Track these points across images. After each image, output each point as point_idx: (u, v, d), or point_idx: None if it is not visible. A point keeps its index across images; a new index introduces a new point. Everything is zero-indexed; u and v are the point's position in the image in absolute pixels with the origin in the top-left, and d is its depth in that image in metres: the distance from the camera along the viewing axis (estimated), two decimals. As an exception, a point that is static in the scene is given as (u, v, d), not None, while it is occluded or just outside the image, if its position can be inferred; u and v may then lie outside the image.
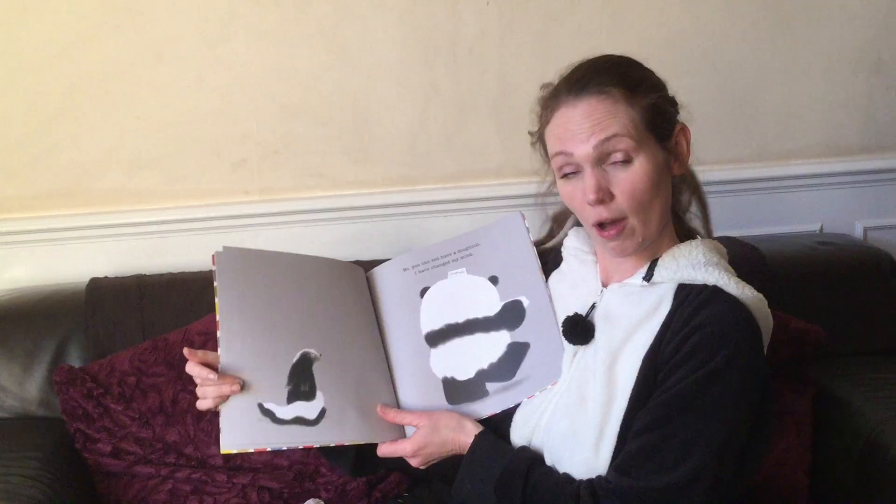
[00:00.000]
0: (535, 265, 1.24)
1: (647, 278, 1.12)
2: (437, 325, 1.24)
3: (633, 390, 1.06)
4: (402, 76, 1.80)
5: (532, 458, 1.10)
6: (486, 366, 1.20)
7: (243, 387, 1.08)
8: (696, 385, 1.01)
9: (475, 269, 1.26)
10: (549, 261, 1.28)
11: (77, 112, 1.76)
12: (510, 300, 1.23)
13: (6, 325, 1.65)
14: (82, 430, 1.56)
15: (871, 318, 1.67)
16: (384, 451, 1.17)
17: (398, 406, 1.22)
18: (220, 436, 1.06)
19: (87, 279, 1.73)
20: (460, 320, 1.24)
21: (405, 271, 1.29)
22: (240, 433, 1.07)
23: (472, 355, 1.21)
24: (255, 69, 1.77)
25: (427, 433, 1.15)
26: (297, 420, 1.10)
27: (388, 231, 1.85)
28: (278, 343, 1.14)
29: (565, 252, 1.26)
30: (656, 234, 1.11)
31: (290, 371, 1.13)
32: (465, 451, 1.14)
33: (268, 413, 1.09)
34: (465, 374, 1.21)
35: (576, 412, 1.09)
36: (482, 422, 1.17)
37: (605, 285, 1.17)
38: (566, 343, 1.15)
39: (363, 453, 1.22)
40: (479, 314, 1.23)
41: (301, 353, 1.15)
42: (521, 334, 1.20)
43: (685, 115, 1.14)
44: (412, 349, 1.24)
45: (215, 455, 1.56)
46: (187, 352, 1.10)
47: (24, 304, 1.70)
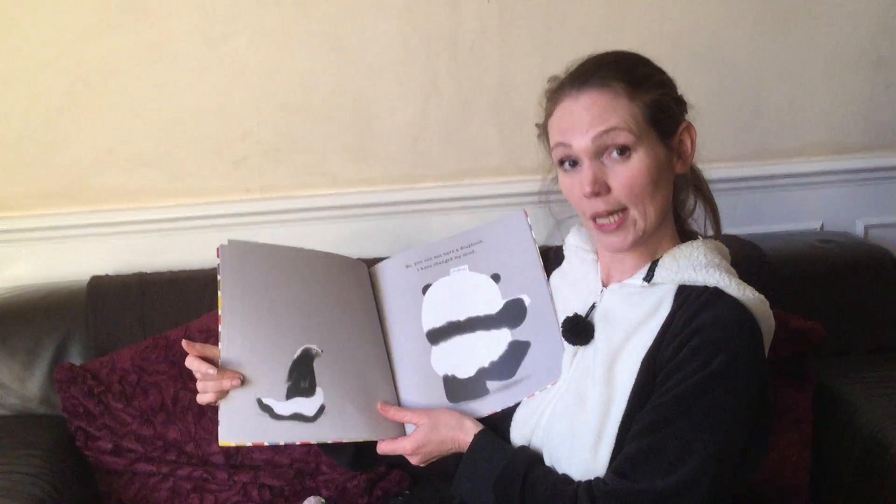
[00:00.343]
0: (538, 263, 1.24)
1: (648, 279, 1.11)
2: (438, 322, 1.24)
3: (632, 392, 1.05)
4: (403, 74, 1.79)
5: (531, 458, 1.10)
6: (486, 364, 1.20)
7: (243, 381, 1.08)
8: (695, 388, 1.01)
9: (477, 266, 1.26)
10: (552, 259, 1.28)
11: (78, 110, 1.76)
12: (512, 298, 1.23)
13: (7, 324, 1.65)
14: (83, 428, 1.56)
15: (871, 316, 1.68)
16: (384, 448, 1.17)
17: (399, 404, 1.22)
18: (219, 428, 1.06)
19: (87, 277, 1.73)
20: (462, 318, 1.24)
21: (408, 268, 1.29)
22: (238, 427, 1.07)
23: (473, 353, 1.21)
24: (255, 67, 1.77)
25: (427, 431, 1.15)
26: (296, 416, 1.10)
27: (389, 229, 1.84)
28: (280, 338, 1.14)
29: (567, 250, 1.26)
30: (654, 228, 1.10)
31: (291, 367, 1.13)
32: (464, 450, 1.14)
33: (266, 408, 1.09)
34: (465, 372, 1.21)
35: (575, 413, 1.09)
36: (482, 421, 1.17)
37: (605, 284, 1.17)
38: (566, 343, 1.15)
39: (362, 449, 1.22)
40: (481, 312, 1.23)
41: (303, 348, 1.15)
42: (522, 333, 1.20)
43: (693, 117, 1.14)
44: (413, 346, 1.24)
45: (216, 453, 1.57)
46: (186, 344, 1.10)
47: (24, 302, 1.70)
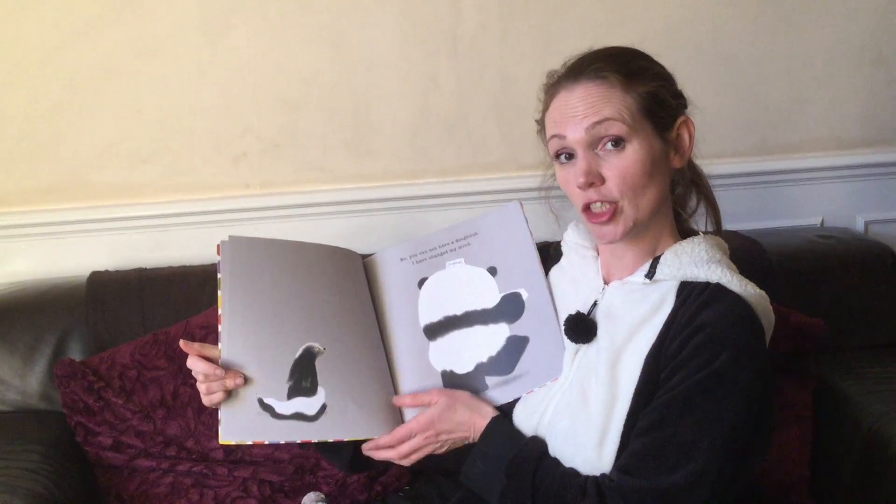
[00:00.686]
0: (534, 256, 1.23)
1: (650, 276, 1.11)
2: (435, 317, 1.23)
3: (636, 390, 1.05)
4: (403, 70, 1.79)
5: (544, 448, 1.11)
6: (484, 359, 1.20)
7: (244, 381, 1.07)
8: (699, 385, 1.01)
9: (473, 259, 1.25)
10: (551, 255, 1.27)
11: (77, 106, 1.76)
12: (509, 292, 1.22)
13: (7, 319, 1.65)
14: (83, 424, 1.56)
15: (871, 312, 1.67)
16: (380, 454, 1.17)
17: None
18: (219, 427, 1.06)
19: (87, 273, 1.72)
20: (459, 312, 1.23)
21: (402, 261, 1.28)
22: (238, 426, 1.06)
23: (470, 348, 1.21)
24: (255, 63, 1.77)
25: (442, 409, 1.15)
26: (297, 416, 1.10)
27: (389, 225, 1.84)
28: (282, 337, 1.13)
29: (565, 247, 1.25)
30: (647, 220, 1.09)
31: (293, 366, 1.12)
32: (473, 438, 1.14)
33: (267, 408, 1.09)
34: (463, 367, 1.20)
35: (578, 411, 1.09)
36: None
37: (606, 282, 1.16)
38: (568, 341, 1.15)
39: (360, 450, 1.21)
40: (478, 306, 1.22)
41: (305, 347, 1.14)
42: (520, 328, 1.20)
43: (693, 112, 1.13)
44: (411, 342, 1.23)
45: (216, 448, 1.57)
46: (184, 345, 1.09)
47: (24, 297, 1.70)
